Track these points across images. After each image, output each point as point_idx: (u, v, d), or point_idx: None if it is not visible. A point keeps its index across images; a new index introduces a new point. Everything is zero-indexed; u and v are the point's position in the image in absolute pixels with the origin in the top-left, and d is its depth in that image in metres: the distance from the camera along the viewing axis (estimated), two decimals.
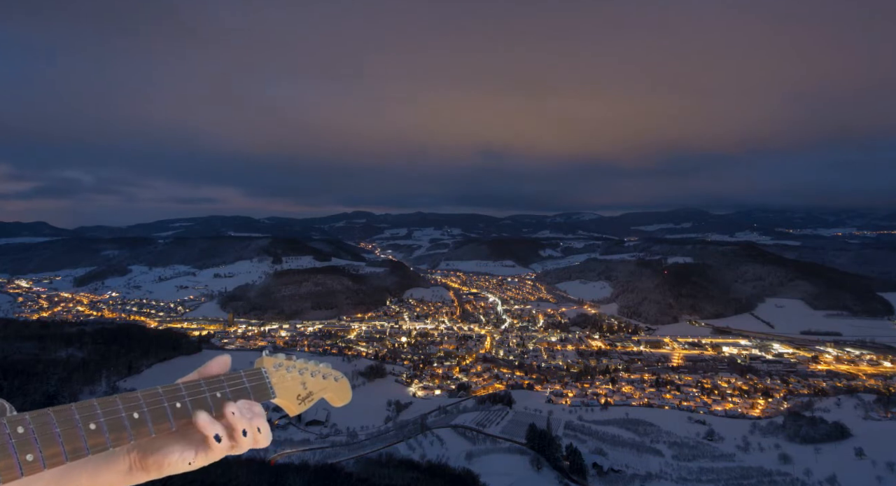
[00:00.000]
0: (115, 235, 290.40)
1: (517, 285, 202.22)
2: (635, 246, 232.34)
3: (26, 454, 1.11)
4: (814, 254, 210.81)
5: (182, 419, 1.44)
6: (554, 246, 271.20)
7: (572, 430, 72.20)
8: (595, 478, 59.04)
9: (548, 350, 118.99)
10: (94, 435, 1.22)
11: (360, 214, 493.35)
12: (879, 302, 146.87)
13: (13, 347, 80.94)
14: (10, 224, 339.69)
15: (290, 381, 1.77)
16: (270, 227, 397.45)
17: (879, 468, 60.53)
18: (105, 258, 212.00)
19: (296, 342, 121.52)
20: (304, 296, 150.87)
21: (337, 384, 1.91)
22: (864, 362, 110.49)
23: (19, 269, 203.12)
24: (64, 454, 1.16)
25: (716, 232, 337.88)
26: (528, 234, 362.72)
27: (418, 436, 67.20)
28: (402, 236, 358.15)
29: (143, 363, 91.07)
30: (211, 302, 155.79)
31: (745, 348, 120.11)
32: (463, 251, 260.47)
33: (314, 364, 1.89)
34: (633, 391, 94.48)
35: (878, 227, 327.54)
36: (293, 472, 44.86)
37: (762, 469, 63.00)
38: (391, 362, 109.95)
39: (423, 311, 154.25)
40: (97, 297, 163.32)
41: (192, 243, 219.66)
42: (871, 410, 78.80)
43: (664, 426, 76.73)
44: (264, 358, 1.79)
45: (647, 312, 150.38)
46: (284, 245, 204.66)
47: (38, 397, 68.38)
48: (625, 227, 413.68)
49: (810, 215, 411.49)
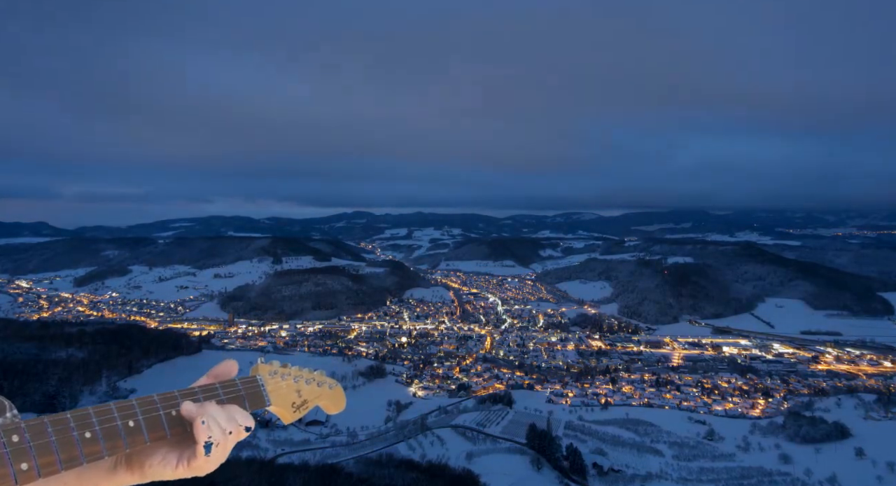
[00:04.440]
0: (115, 236, 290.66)
1: (517, 285, 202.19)
2: (635, 246, 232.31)
3: (21, 462, 1.11)
4: (814, 254, 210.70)
5: (177, 428, 1.43)
6: (554, 246, 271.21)
7: (572, 430, 72.21)
8: (595, 478, 59.05)
9: (548, 350, 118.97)
10: (89, 443, 1.22)
11: (360, 215, 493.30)
12: (879, 302, 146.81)
13: (13, 347, 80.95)
14: (10, 224, 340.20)
15: (285, 389, 1.77)
16: (270, 227, 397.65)
17: (879, 468, 60.55)
18: (105, 258, 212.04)
19: (296, 343, 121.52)
20: (304, 296, 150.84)
21: (331, 392, 1.92)
22: (864, 362, 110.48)
23: (19, 269, 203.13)
24: (59, 463, 1.17)
25: (716, 232, 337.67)
26: (528, 234, 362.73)
27: (418, 436, 67.20)
28: (402, 236, 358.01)
29: (144, 364, 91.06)
30: (211, 302, 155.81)
31: (745, 348, 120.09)
32: (463, 251, 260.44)
33: (309, 372, 1.90)
34: (633, 391, 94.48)
35: (878, 227, 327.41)
36: (293, 472, 44.87)
37: (762, 469, 63.01)
38: (391, 362, 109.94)
39: (423, 311, 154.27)
40: (97, 297, 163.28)
41: (192, 243, 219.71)
42: (871, 410, 78.74)
43: (664, 426, 76.72)
44: (260, 365, 1.80)
45: (647, 312, 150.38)
46: (284, 245, 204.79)
47: (38, 397, 68.46)
48: (625, 227, 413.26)
49: (810, 215, 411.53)
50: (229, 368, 1.68)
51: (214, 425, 1.45)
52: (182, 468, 1.44)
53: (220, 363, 1.69)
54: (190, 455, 1.45)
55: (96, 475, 1.45)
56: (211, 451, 1.43)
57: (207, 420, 1.44)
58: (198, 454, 1.43)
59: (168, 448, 1.47)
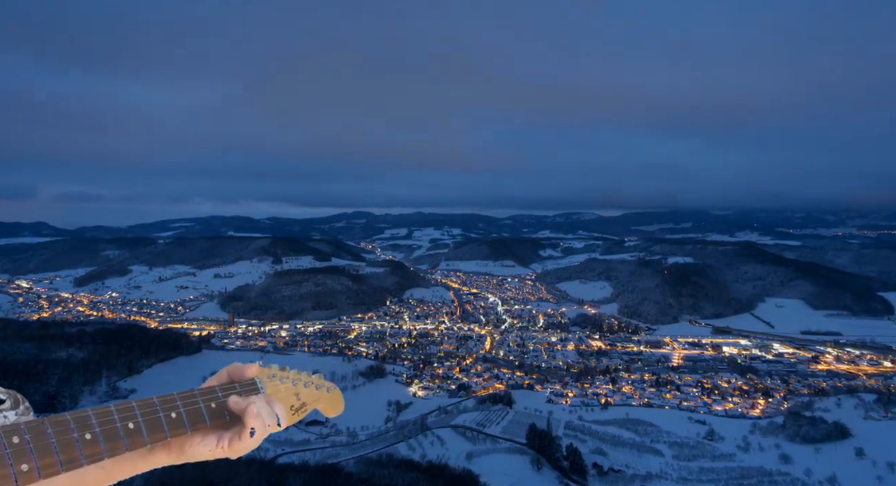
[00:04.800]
0: (115, 236, 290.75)
1: (517, 285, 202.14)
2: (635, 246, 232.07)
3: (21, 463, 1.11)
4: (814, 254, 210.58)
5: (178, 429, 1.45)
6: (554, 246, 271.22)
7: (572, 430, 72.22)
8: (595, 478, 59.07)
9: (548, 350, 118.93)
10: (89, 445, 1.23)
11: (360, 215, 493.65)
12: (879, 302, 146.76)
13: (13, 347, 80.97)
14: (10, 224, 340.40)
15: (283, 392, 1.79)
16: (270, 227, 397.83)
17: (879, 468, 60.53)
18: (105, 259, 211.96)
19: (296, 343, 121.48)
20: (305, 296, 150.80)
21: (329, 395, 1.94)
22: (864, 362, 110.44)
23: (19, 269, 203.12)
24: (59, 464, 1.17)
25: (716, 232, 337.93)
26: (528, 234, 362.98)
27: (418, 436, 67.23)
28: (402, 236, 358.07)
29: (144, 364, 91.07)
30: (211, 302, 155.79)
31: (745, 348, 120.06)
32: (463, 251, 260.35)
33: (307, 375, 1.92)
34: (633, 391, 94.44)
35: (878, 227, 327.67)
36: (293, 472, 44.91)
37: (762, 469, 63.01)
38: (391, 362, 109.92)
39: (423, 311, 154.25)
40: (97, 297, 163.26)
41: (192, 243, 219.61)
42: (871, 410, 78.71)
43: (664, 426, 76.70)
44: (259, 368, 1.83)
45: (647, 312, 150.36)
46: (284, 245, 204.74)
47: (38, 397, 68.46)
48: (625, 227, 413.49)
49: (810, 215, 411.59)
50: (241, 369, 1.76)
51: (262, 415, 1.59)
52: (222, 448, 1.56)
53: (231, 365, 1.77)
54: (232, 437, 1.56)
55: (132, 456, 1.50)
56: (253, 436, 1.56)
57: (259, 410, 1.59)
58: (243, 437, 1.55)
59: (204, 432, 1.56)
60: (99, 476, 1.45)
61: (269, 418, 1.61)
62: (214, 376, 1.75)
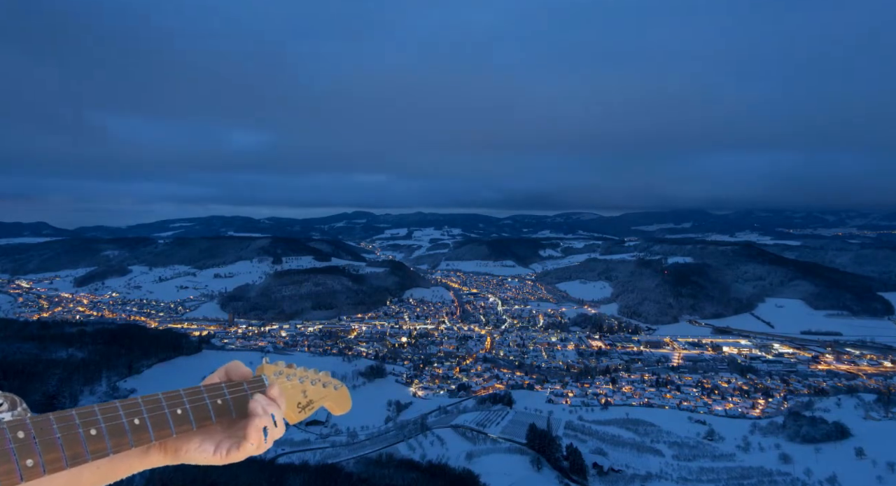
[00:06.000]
0: (115, 236, 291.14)
1: (517, 285, 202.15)
2: (635, 246, 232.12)
3: (27, 459, 1.11)
4: (814, 254, 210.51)
5: (183, 426, 1.44)
6: (554, 246, 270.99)
7: (572, 430, 72.26)
8: (595, 478, 59.09)
9: (548, 350, 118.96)
10: (94, 441, 1.22)
11: (360, 215, 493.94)
12: (879, 302, 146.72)
13: (13, 347, 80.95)
14: (10, 224, 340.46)
15: (290, 389, 1.77)
16: (270, 227, 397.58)
17: (880, 468, 60.51)
18: (105, 259, 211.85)
19: (296, 343, 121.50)
20: (305, 296, 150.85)
21: (337, 393, 1.92)
22: (864, 362, 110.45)
23: (19, 269, 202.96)
24: (64, 460, 1.16)
25: (716, 232, 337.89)
26: (528, 234, 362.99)
27: (418, 436, 67.28)
28: (402, 236, 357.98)
29: (144, 364, 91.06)
30: (211, 302, 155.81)
31: (745, 348, 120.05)
32: (463, 251, 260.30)
33: (314, 372, 1.89)
34: (633, 391, 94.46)
35: (878, 227, 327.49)
36: (293, 472, 44.96)
37: (762, 469, 63.02)
38: (391, 362, 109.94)
39: (423, 311, 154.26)
40: (97, 297, 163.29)
41: (192, 243, 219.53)
42: (871, 410, 78.69)
43: (664, 426, 76.73)
44: (265, 365, 1.79)
45: (647, 312, 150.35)
46: (284, 245, 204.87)
47: (38, 397, 68.44)
48: (625, 227, 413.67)
49: (810, 215, 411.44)
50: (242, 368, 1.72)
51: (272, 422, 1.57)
52: (220, 456, 1.51)
53: (231, 363, 1.73)
54: (231, 447, 1.51)
55: (128, 456, 1.49)
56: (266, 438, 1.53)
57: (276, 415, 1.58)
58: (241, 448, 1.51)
59: (203, 437, 1.52)
60: (94, 477, 1.44)
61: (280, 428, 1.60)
62: (214, 373, 1.71)
